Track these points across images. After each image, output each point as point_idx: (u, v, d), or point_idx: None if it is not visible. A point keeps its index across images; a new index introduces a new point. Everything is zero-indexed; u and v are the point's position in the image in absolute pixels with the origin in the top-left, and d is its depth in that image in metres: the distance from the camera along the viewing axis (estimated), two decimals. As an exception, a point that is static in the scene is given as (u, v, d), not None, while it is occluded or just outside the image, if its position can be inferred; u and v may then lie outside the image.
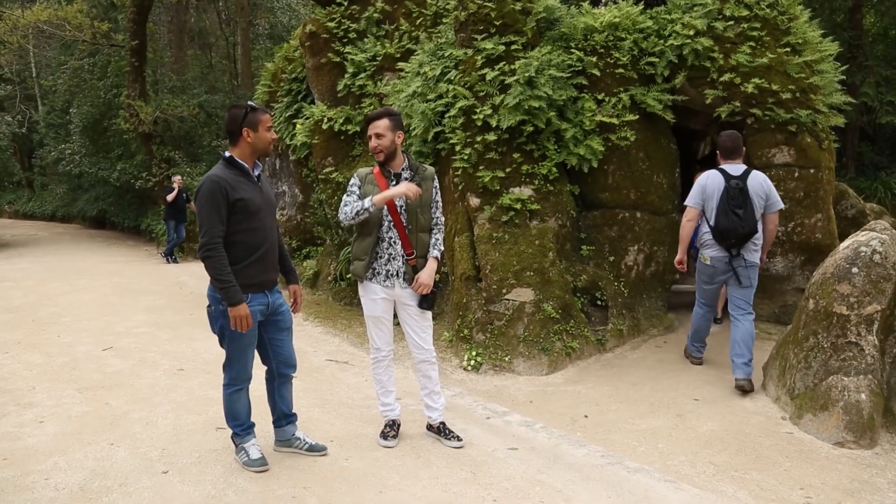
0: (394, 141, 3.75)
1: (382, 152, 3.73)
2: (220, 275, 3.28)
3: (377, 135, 3.73)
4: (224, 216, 3.30)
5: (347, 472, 3.59)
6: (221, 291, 3.30)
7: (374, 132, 3.74)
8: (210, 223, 3.28)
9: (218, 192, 3.28)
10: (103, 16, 18.01)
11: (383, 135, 3.73)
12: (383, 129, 3.73)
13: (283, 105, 9.84)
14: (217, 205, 3.27)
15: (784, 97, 5.79)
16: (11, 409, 4.64)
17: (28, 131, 23.67)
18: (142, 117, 14.99)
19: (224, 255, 3.30)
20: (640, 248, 6.35)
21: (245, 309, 3.31)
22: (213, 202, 3.27)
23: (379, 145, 3.73)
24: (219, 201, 3.27)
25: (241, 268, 3.38)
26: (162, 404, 4.69)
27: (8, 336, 6.83)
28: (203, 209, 3.29)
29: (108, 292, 9.49)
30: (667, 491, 3.39)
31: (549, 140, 6.03)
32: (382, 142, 3.73)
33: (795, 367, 4.41)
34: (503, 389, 5.10)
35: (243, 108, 3.41)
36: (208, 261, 3.29)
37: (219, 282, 3.29)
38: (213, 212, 3.27)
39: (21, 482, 3.49)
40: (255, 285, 3.44)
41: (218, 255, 3.28)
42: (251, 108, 3.42)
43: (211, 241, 3.28)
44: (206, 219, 3.28)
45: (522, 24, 6.13)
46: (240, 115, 3.39)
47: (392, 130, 3.74)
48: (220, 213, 3.28)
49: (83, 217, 22.30)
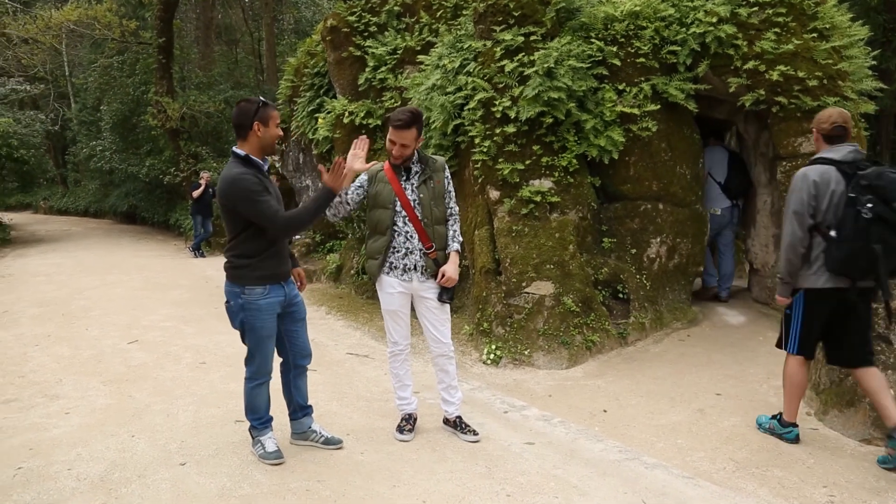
0: (415, 148, 3.74)
1: (401, 159, 3.72)
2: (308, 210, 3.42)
3: (403, 145, 3.66)
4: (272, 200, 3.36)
5: (362, 465, 3.60)
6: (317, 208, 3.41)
7: (402, 142, 3.66)
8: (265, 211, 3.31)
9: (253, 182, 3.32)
10: (131, 14, 18.27)
11: (409, 146, 3.68)
12: (409, 140, 3.66)
13: (306, 99, 9.89)
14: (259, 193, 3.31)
15: (811, 84, 5.64)
16: (39, 401, 4.75)
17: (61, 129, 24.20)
18: (169, 114, 15.20)
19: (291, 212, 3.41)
20: (662, 241, 6.25)
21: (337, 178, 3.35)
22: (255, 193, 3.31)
23: (403, 154, 3.69)
24: (258, 190, 3.31)
25: (261, 260, 3.41)
26: (183, 397, 4.76)
27: (39, 329, 6.99)
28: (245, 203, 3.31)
29: (136, 286, 9.65)
30: (685, 487, 3.34)
31: (569, 131, 5.96)
32: (406, 152, 3.69)
33: (821, 361, 4.30)
34: (522, 383, 5.07)
35: (255, 103, 3.42)
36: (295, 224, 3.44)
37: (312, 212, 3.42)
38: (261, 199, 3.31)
39: (45, 472, 3.57)
40: (273, 276, 3.47)
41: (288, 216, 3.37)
42: (263, 102, 3.43)
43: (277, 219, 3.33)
44: (260, 213, 3.31)
45: (542, 15, 6.07)
46: (252, 108, 3.39)
47: (416, 140, 3.71)
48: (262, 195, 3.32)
49: (114, 212, 22.71)
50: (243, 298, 3.43)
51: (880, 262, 3.42)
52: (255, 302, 3.44)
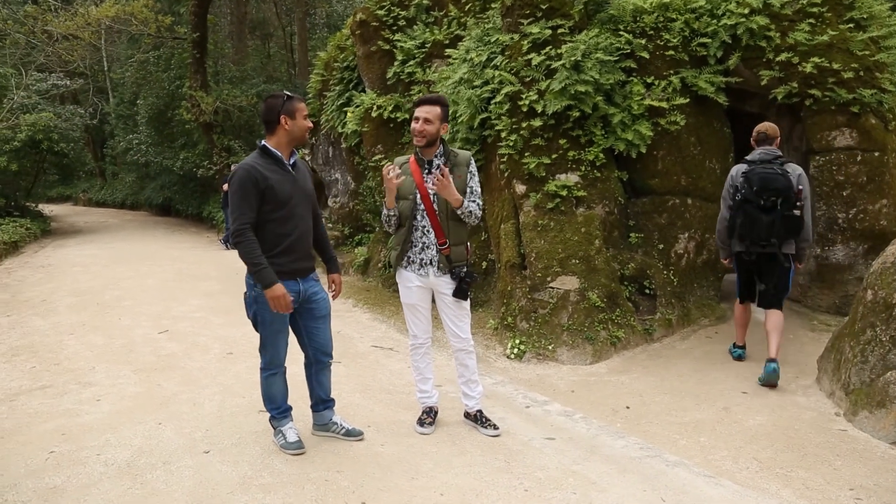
0: (439, 130, 3.73)
1: (425, 138, 3.71)
2: (251, 258, 3.36)
3: (426, 119, 3.67)
4: (254, 204, 3.37)
5: (381, 457, 3.62)
6: (254, 275, 3.38)
7: (424, 116, 3.68)
8: (240, 210, 3.35)
9: (248, 181, 3.34)
10: (167, 10, 18.58)
11: (432, 122, 3.68)
12: (434, 116, 3.68)
13: (335, 93, 9.95)
14: (247, 192, 3.34)
15: (846, 76, 5.50)
16: (73, 388, 4.88)
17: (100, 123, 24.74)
18: (203, 107, 15.45)
19: (254, 241, 3.37)
20: (690, 236, 6.16)
21: (280, 289, 3.37)
22: (244, 190, 3.34)
23: (424, 130, 3.68)
24: (249, 189, 3.34)
25: (272, 255, 3.43)
26: (209, 386, 4.84)
27: (74, 318, 7.18)
28: (234, 196, 3.36)
29: (168, 277, 9.84)
30: (705, 486, 3.30)
31: (596, 125, 5.90)
32: (429, 128, 3.68)
33: (851, 360, 4.21)
34: (545, 378, 5.05)
35: (280, 97, 3.46)
36: (239, 246, 3.38)
37: (251, 265, 3.38)
38: (244, 199, 3.34)
39: (75, 457, 3.67)
40: (285, 273, 3.49)
41: (247, 240, 3.36)
42: (288, 96, 3.47)
43: (240, 226, 3.36)
44: (236, 206, 3.36)
45: (569, 8, 6.01)
46: (277, 103, 3.44)
47: (440, 120, 3.71)
48: (249, 200, 3.35)
49: (150, 204, 23.18)
50: (256, 291, 3.47)
51: (744, 230, 4.78)
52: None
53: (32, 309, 7.70)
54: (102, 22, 17.33)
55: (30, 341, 6.22)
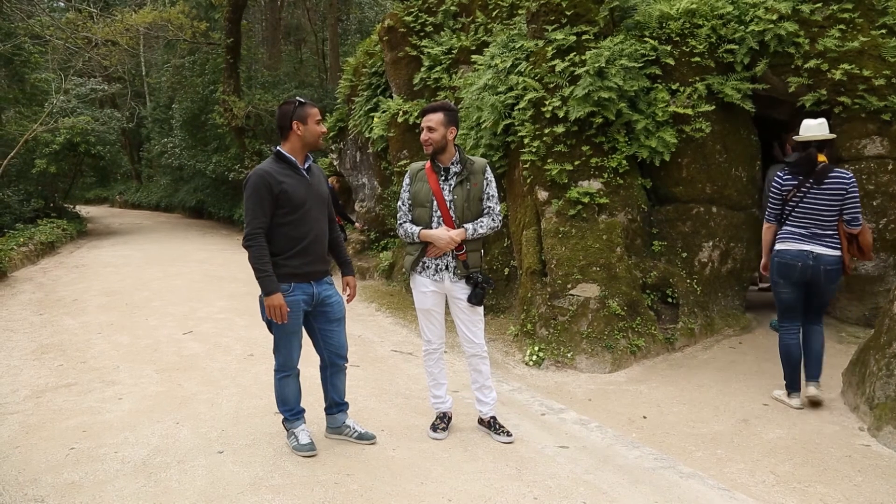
0: (445, 136, 3.74)
1: (431, 145, 3.74)
2: (257, 263, 3.42)
3: (429, 128, 3.74)
4: (267, 209, 3.42)
5: (393, 461, 3.63)
6: (258, 280, 3.44)
7: (427, 125, 3.75)
8: (253, 214, 3.41)
9: (262, 185, 3.39)
10: (202, 16, 18.93)
11: (435, 129, 3.72)
12: (436, 123, 3.73)
13: (363, 98, 10.04)
14: (260, 197, 3.39)
15: (877, 83, 5.36)
16: (97, 386, 4.99)
17: (137, 126, 25.31)
18: (235, 112, 15.68)
19: (264, 246, 3.42)
20: (715, 245, 6.07)
21: (279, 299, 3.41)
22: (257, 194, 3.40)
23: (430, 138, 3.74)
24: (262, 194, 3.39)
25: (285, 258, 3.48)
26: (228, 387, 4.91)
27: (103, 318, 7.34)
28: (248, 201, 3.43)
29: (196, 279, 10.00)
30: (719, 499, 3.23)
31: (620, 132, 5.86)
32: (433, 136, 3.73)
33: (876, 374, 4.10)
34: (563, 386, 5.01)
35: (292, 104, 3.52)
36: (249, 250, 3.44)
37: (256, 271, 3.43)
38: (257, 204, 3.40)
39: (94, 453, 3.75)
40: (298, 275, 3.53)
41: (258, 246, 3.41)
42: (300, 102, 3.52)
43: (252, 231, 3.42)
44: (249, 210, 3.42)
45: (595, 14, 5.98)
46: (289, 110, 3.50)
47: (444, 125, 3.73)
48: (262, 205, 3.40)
49: (183, 207, 23.59)
50: None
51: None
52: None
53: (64, 308, 7.90)
54: (140, 28, 17.74)
55: (59, 340, 6.37)
